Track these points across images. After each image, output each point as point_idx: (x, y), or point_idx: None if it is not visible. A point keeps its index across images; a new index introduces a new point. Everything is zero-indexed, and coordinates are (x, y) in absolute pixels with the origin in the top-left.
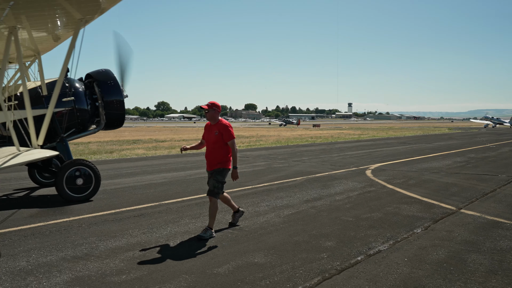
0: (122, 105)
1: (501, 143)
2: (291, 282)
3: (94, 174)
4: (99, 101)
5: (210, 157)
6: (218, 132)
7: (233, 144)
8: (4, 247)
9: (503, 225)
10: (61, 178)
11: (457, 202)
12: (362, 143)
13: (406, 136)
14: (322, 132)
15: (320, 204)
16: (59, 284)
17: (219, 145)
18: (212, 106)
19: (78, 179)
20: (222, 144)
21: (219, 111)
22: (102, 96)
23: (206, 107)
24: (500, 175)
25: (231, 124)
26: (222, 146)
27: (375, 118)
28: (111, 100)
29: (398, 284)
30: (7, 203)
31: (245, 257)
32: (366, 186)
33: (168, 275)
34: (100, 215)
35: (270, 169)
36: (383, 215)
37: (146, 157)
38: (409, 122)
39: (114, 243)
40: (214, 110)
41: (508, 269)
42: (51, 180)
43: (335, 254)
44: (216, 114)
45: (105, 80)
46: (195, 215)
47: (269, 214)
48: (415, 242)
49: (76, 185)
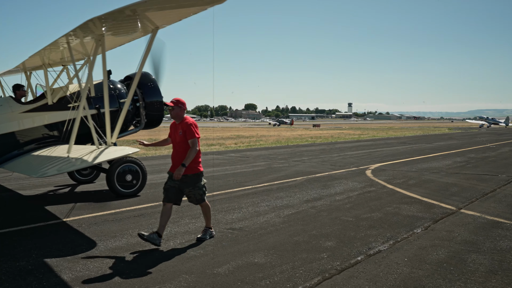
0: (162, 106)
1: (501, 143)
2: (291, 282)
3: (141, 170)
4: (140, 102)
5: (176, 159)
6: (182, 131)
7: (194, 144)
8: (4, 247)
9: (503, 225)
10: (113, 174)
11: (457, 202)
12: (362, 143)
13: (406, 136)
14: (322, 132)
15: (320, 204)
16: (59, 284)
17: (186, 146)
18: (178, 103)
19: (127, 175)
20: (188, 144)
21: (184, 109)
22: (143, 97)
23: (171, 104)
24: (500, 175)
25: (196, 123)
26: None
27: (375, 118)
28: (152, 101)
29: (398, 284)
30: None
31: (245, 257)
32: (366, 186)
33: (168, 275)
34: (100, 215)
35: (270, 169)
36: (383, 215)
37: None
38: (409, 122)
39: (114, 243)
40: (179, 108)
41: (508, 269)
42: (88, 178)
43: (335, 254)
44: (182, 112)
45: (145, 82)
46: (195, 215)
47: (269, 214)
48: (415, 242)
49: (126, 181)
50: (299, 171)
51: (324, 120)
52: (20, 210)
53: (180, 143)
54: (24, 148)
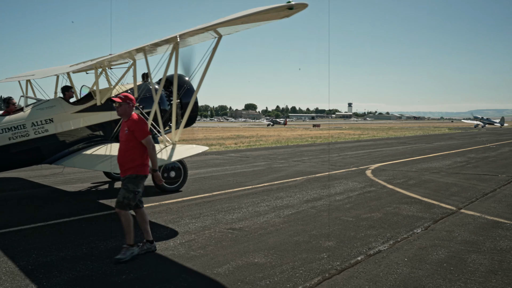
0: (197, 106)
1: (501, 143)
2: (291, 282)
3: (183, 167)
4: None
5: (121, 160)
6: (128, 129)
7: (149, 143)
8: (4, 247)
9: (503, 225)
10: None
11: (457, 202)
12: (362, 143)
13: (406, 136)
14: (322, 132)
15: (320, 204)
16: (59, 284)
17: (132, 145)
18: (126, 99)
19: (171, 172)
20: (135, 144)
21: (132, 106)
22: (180, 98)
23: (119, 99)
24: (500, 175)
25: (144, 119)
26: (136, 147)
27: (375, 118)
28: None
29: (398, 284)
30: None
31: (245, 257)
32: (366, 186)
33: (168, 275)
34: (100, 215)
35: (270, 169)
36: (383, 215)
37: None
38: (409, 122)
39: (114, 243)
40: (127, 104)
41: (508, 269)
42: None
43: (335, 254)
44: (130, 109)
45: (182, 84)
46: (195, 215)
47: (269, 214)
48: (415, 242)
49: (170, 177)
50: (299, 171)
51: (324, 120)
52: (23, 209)
53: (125, 142)
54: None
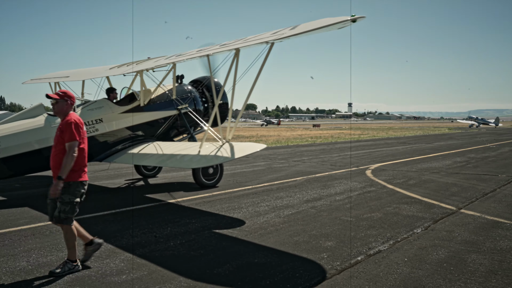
0: (227, 106)
1: (501, 143)
2: (291, 282)
3: (220, 165)
4: (209, 103)
5: (53, 164)
6: (59, 130)
7: (71, 148)
8: (4, 247)
9: (503, 225)
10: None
11: (457, 202)
12: (362, 143)
13: (406, 136)
14: (322, 132)
15: (320, 204)
16: (59, 284)
17: (61, 148)
18: (64, 96)
19: (209, 169)
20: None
21: (71, 104)
22: (212, 99)
23: (56, 96)
24: (500, 175)
25: (81, 122)
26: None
27: (375, 118)
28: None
29: (398, 284)
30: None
31: (245, 257)
32: (366, 186)
33: (168, 275)
34: (100, 215)
35: (270, 169)
36: (383, 215)
37: None
38: (409, 122)
39: (114, 243)
40: (65, 102)
41: (508, 269)
42: (152, 172)
43: (335, 254)
44: (67, 108)
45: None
46: (195, 215)
47: (269, 214)
48: (415, 242)
49: (208, 174)
50: (299, 171)
51: (324, 120)
52: (27, 209)
53: (55, 144)
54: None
